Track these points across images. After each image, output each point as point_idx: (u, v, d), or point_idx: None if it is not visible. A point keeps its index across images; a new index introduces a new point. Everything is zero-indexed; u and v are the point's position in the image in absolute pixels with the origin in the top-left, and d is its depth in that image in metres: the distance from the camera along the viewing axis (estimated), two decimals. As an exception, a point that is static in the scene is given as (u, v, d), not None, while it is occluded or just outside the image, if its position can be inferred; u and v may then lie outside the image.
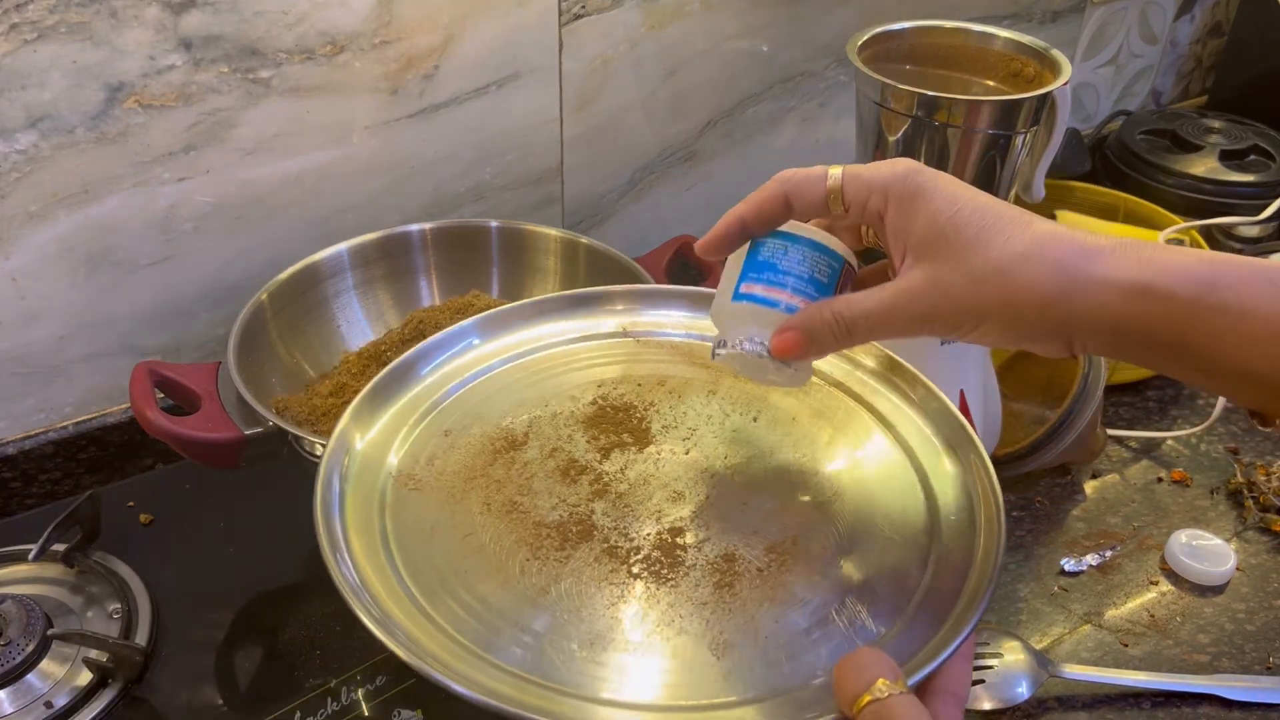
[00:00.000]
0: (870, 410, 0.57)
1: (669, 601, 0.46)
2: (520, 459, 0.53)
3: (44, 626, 0.65)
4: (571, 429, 0.55)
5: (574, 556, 0.48)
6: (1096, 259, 0.40)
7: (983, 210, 0.42)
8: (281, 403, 0.72)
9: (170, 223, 0.76)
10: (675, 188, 1.00)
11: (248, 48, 0.72)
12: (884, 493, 0.52)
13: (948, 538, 0.49)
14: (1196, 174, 1.11)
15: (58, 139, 0.69)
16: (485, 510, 0.50)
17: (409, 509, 0.50)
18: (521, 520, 0.49)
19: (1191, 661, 0.68)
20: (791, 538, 0.49)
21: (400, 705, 0.64)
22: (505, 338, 0.60)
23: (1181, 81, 1.40)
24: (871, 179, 0.45)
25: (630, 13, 0.87)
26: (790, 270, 0.48)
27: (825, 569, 0.48)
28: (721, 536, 0.49)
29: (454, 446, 0.53)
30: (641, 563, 0.48)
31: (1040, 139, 0.71)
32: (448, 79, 0.82)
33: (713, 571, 0.47)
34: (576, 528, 0.49)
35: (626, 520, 0.50)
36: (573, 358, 0.60)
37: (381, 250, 0.82)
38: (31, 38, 0.65)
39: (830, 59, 1.01)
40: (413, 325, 0.75)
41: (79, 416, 0.79)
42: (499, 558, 0.47)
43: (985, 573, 0.46)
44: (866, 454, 0.55)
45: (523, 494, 0.51)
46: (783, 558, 0.48)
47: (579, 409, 0.56)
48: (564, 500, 0.51)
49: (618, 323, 0.62)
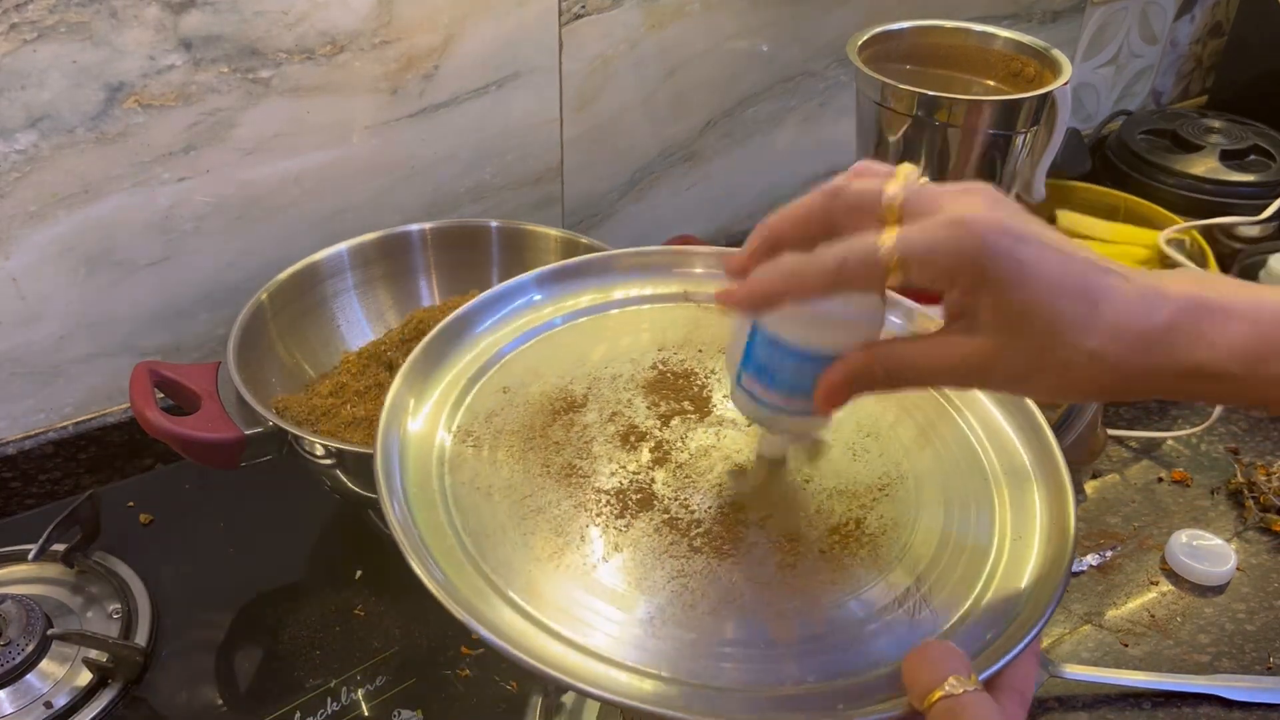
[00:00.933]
0: (944, 396, 0.55)
1: (730, 579, 0.45)
2: (579, 421, 0.52)
3: (44, 626, 0.65)
4: (631, 393, 0.54)
5: (634, 525, 0.47)
6: (1164, 340, 0.39)
7: (1056, 293, 0.38)
8: (281, 403, 0.72)
9: (170, 223, 0.76)
10: (675, 188, 1.00)
11: (248, 48, 0.72)
12: (953, 482, 0.51)
13: (1016, 532, 0.48)
14: (1197, 174, 1.11)
15: (57, 139, 0.69)
16: (545, 472, 0.49)
17: (468, 465, 0.49)
18: (581, 485, 0.48)
19: (1192, 661, 0.68)
20: (855, 520, 0.48)
21: (400, 705, 0.64)
22: (566, 296, 0.59)
23: (1182, 81, 1.40)
24: (931, 259, 0.38)
25: (630, 13, 0.87)
26: (788, 381, 0.44)
27: (889, 555, 0.46)
28: (784, 514, 0.48)
29: (512, 404, 0.52)
30: (703, 536, 0.46)
31: (1040, 139, 0.71)
32: (448, 79, 0.82)
33: (775, 550, 0.46)
34: (636, 496, 0.48)
35: (687, 491, 0.49)
36: (634, 319, 0.58)
37: (381, 250, 0.82)
38: (31, 37, 0.65)
39: (830, 59, 1.01)
40: (412, 325, 0.75)
41: (79, 416, 0.79)
42: (558, 522, 0.47)
43: (1056, 571, 0.45)
44: (937, 439, 0.53)
45: (582, 457, 0.50)
46: (845, 540, 0.47)
47: (639, 373, 0.55)
48: (624, 467, 0.49)
49: (681, 286, 0.60)
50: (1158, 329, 0.38)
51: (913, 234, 0.38)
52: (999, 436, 0.53)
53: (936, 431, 0.54)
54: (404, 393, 0.51)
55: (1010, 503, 0.50)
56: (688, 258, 0.61)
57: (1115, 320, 0.38)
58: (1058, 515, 0.48)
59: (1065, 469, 0.50)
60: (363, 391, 0.73)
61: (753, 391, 0.45)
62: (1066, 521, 0.47)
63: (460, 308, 0.56)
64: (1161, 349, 0.38)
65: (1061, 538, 0.47)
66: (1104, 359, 0.38)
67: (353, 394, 0.73)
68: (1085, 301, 0.38)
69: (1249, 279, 0.97)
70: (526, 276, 0.58)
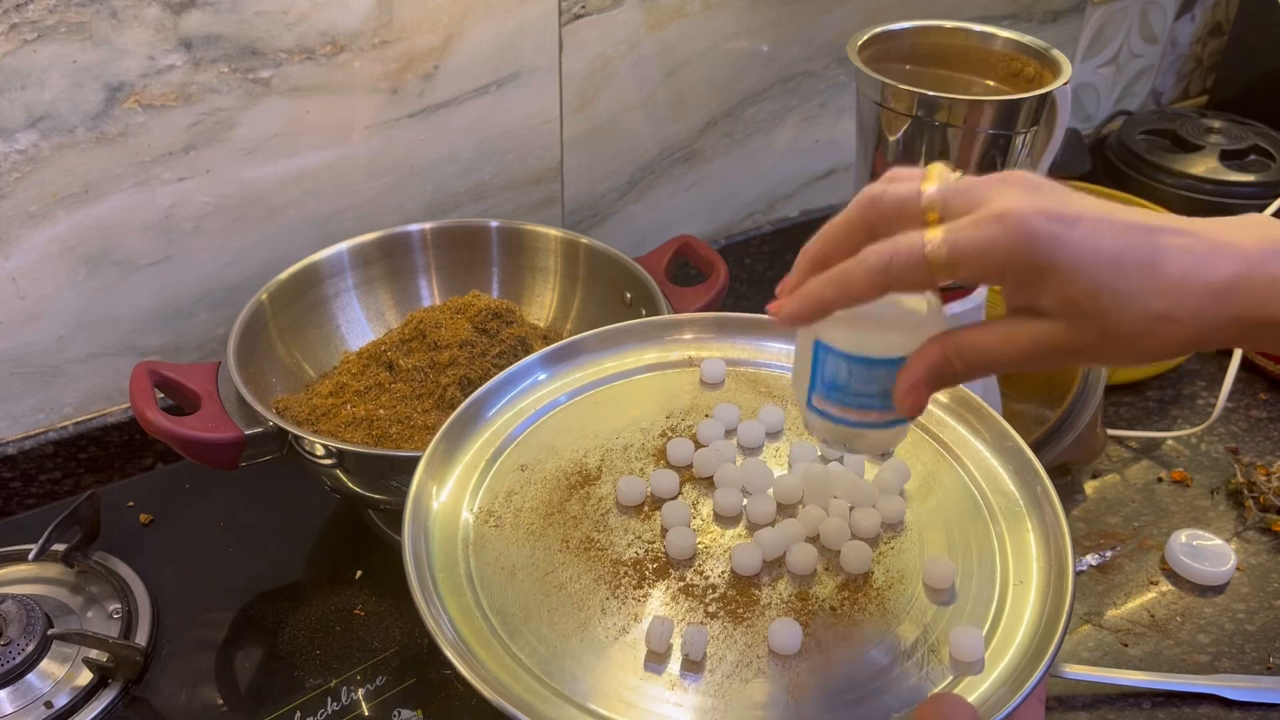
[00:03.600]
0: (942, 445, 0.57)
1: (746, 642, 0.46)
2: (595, 494, 0.54)
3: (44, 626, 0.65)
4: (643, 462, 0.56)
5: (652, 595, 0.48)
6: (1234, 291, 0.38)
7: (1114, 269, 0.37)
8: (281, 403, 0.72)
9: (170, 223, 0.76)
10: (675, 188, 1.00)
11: (248, 47, 0.72)
12: (955, 530, 0.52)
13: (1018, 577, 0.49)
14: (1197, 174, 1.10)
15: (58, 139, 0.69)
16: (564, 548, 0.51)
17: (491, 546, 0.51)
18: (599, 557, 0.50)
19: (1192, 661, 0.68)
20: (863, 575, 0.49)
21: (400, 705, 0.64)
22: (571, 371, 0.61)
23: (1182, 81, 1.40)
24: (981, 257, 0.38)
25: (630, 13, 0.87)
26: (859, 391, 0.44)
27: (897, 608, 0.48)
28: (795, 573, 0.49)
29: (530, 482, 0.54)
30: (718, 601, 0.48)
31: (1040, 139, 0.71)
32: (448, 79, 0.82)
33: (787, 610, 0.47)
34: (653, 565, 0.50)
35: (701, 557, 0.50)
36: (640, 388, 0.60)
37: (381, 250, 0.82)
38: (31, 37, 0.65)
39: (830, 59, 1.01)
40: (412, 325, 0.75)
41: (79, 416, 0.79)
42: (579, 596, 0.48)
43: (1057, 617, 0.46)
44: (940, 491, 0.54)
45: (599, 530, 0.52)
46: (855, 595, 0.48)
47: (649, 441, 0.57)
48: (639, 537, 0.51)
49: (684, 352, 0.62)
50: (1226, 280, 0.38)
51: (958, 232, 0.38)
52: (996, 480, 0.54)
53: (937, 480, 0.55)
54: (426, 481, 0.53)
55: (1011, 548, 0.51)
56: (679, 325, 0.63)
57: (1181, 277, 0.37)
58: (1056, 558, 0.49)
59: (1061, 511, 0.51)
60: (363, 391, 0.73)
61: (826, 411, 0.45)
62: (1065, 565, 0.48)
63: (472, 394, 0.58)
64: (1234, 300, 0.38)
65: (1061, 581, 0.48)
66: (1175, 319, 0.38)
67: (353, 394, 0.73)
68: (1145, 267, 0.37)
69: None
70: (531, 359, 0.60)
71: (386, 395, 0.72)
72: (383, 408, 0.71)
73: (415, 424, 0.70)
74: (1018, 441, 0.54)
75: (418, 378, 0.72)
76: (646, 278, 0.78)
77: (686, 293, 0.78)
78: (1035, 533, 0.51)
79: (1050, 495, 0.51)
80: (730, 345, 0.63)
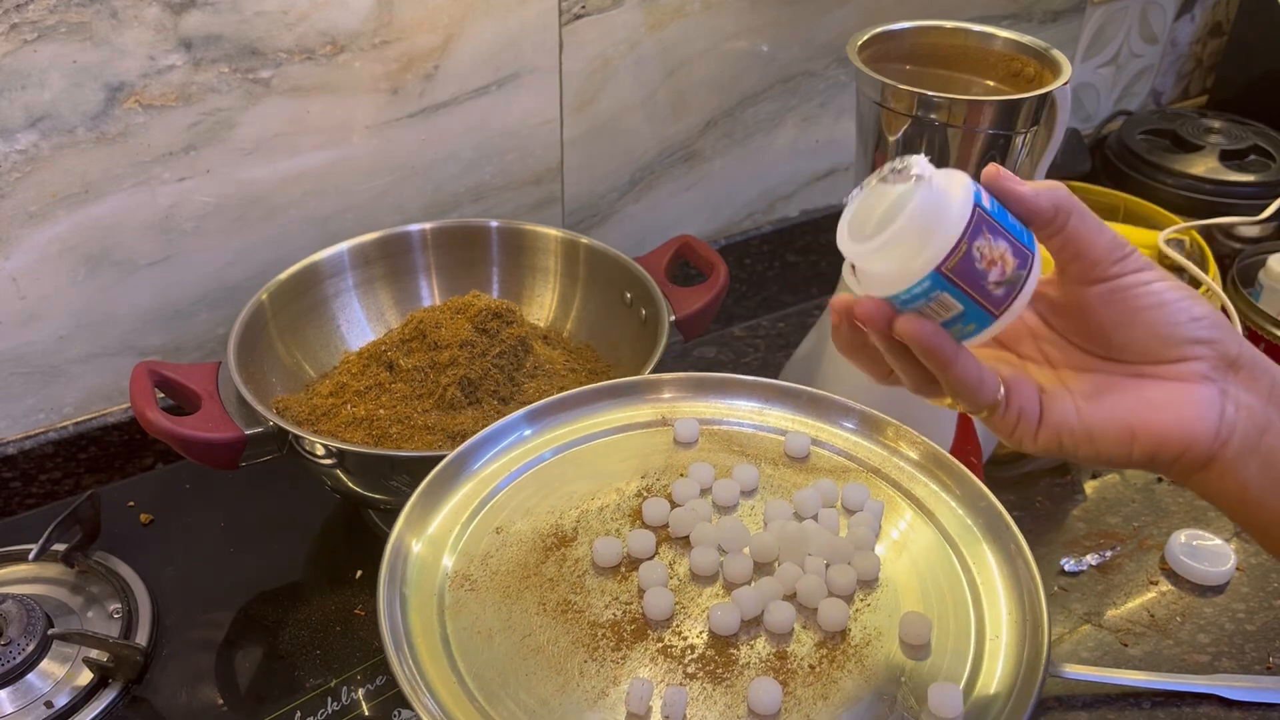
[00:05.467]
0: (914, 501, 0.57)
1: (726, 702, 0.46)
2: (571, 555, 0.53)
3: (44, 626, 0.65)
4: (619, 522, 0.55)
5: (630, 657, 0.48)
6: None
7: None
8: (281, 403, 0.72)
9: (170, 223, 0.76)
10: (675, 188, 1.00)
11: (248, 47, 0.72)
12: (930, 584, 0.52)
13: (993, 631, 0.49)
14: (1197, 174, 1.10)
15: (58, 139, 0.69)
16: (541, 610, 0.50)
17: (468, 610, 0.50)
18: (577, 620, 0.50)
19: (1191, 661, 0.68)
20: (841, 632, 0.49)
21: (400, 705, 0.64)
22: (556, 427, 0.61)
23: (1182, 81, 1.40)
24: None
25: (631, 13, 0.87)
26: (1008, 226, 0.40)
27: (874, 666, 0.48)
28: (773, 632, 0.49)
29: (506, 544, 0.54)
30: (696, 662, 0.48)
31: (1040, 139, 0.71)
32: (448, 79, 0.82)
33: (766, 669, 0.47)
34: (631, 626, 0.49)
35: (679, 617, 0.50)
36: (615, 448, 0.60)
37: (381, 250, 0.82)
38: (31, 37, 0.65)
39: (830, 59, 1.01)
40: (412, 325, 0.75)
41: (79, 416, 0.79)
42: (557, 660, 0.48)
43: (1034, 671, 0.46)
44: (913, 547, 0.55)
45: (576, 592, 0.51)
46: (834, 653, 0.48)
47: (625, 501, 0.57)
48: (617, 598, 0.51)
49: (658, 411, 0.62)
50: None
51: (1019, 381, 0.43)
52: (968, 535, 0.55)
53: (910, 536, 0.55)
54: (406, 535, 0.53)
55: (986, 602, 0.51)
56: (659, 384, 0.63)
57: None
58: (1031, 611, 0.50)
59: (1034, 566, 0.51)
60: (363, 391, 0.73)
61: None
62: (1040, 618, 0.49)
63: (456, 450, 0.57)
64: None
65: (1036, 635, 0.48)
66: None
67: (353, 394, 0.73)
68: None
69: (1248, 279, 0.97)
70: (518, 414, 0.60)
71: (386, 395, 0.72)
72: (383, 408, 0.71)
73: (415, 424, 0.70)
74: (990, 500, 0.55)
75: (418, 378, 0.72)
76: (646, 278, 0.78)
77: (686, 293, 0.78)
78: (1008, 587, 0.51)
79: (1023, 550, 0.52)
80: (704, 404, 0.63)
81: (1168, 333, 0.41)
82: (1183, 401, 0.40)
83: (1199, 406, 0.40)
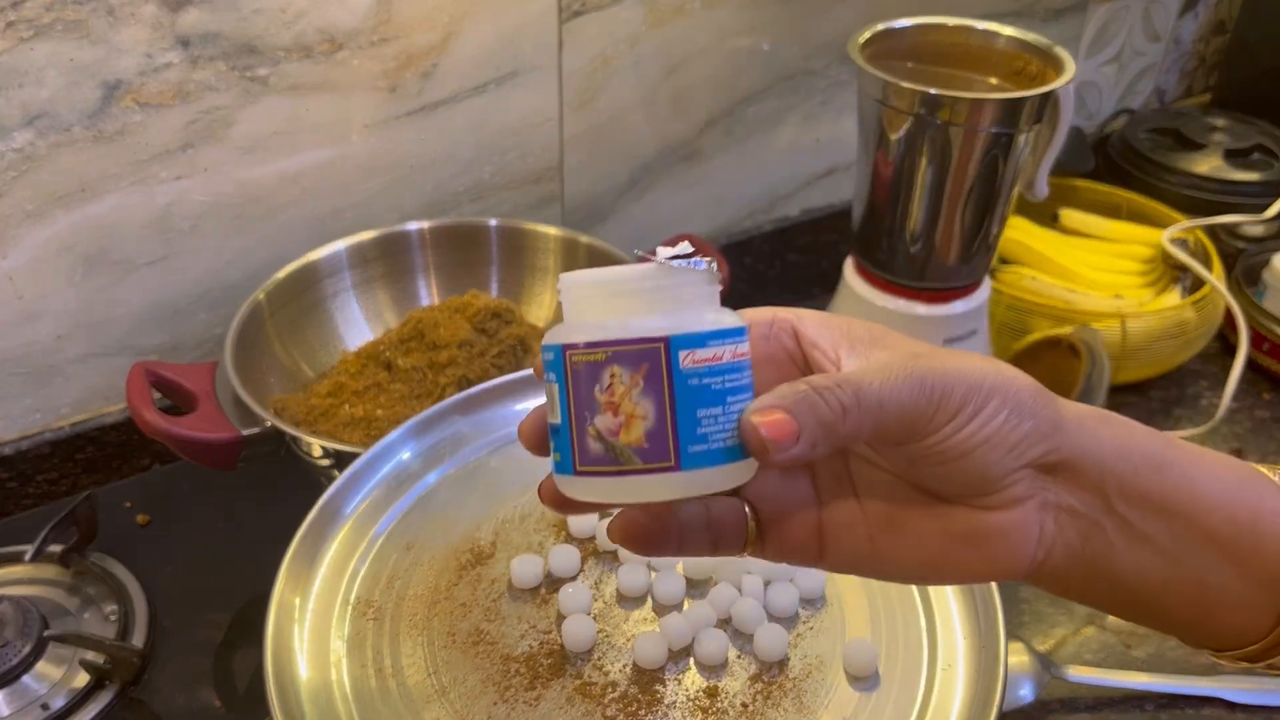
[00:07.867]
0: None
1: None
2: (488, 575, 0.49)
3: (40, 628, 0.64)
4: (543, 535, 0.51)
5: (545, 698, 0.44)
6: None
7: None
8: (279, 403, 0.72)
9: (168, 222, 0.75)
10: (675, 187, 0.99)
11: (245, 45, 0.72)
12: (881, 606, 0.48)
13: (946, 660, 0.46)
14: (1200, 172, 1.10)
15: (55, 137, 0.69)
16: (450, 643, 0.46)
17: (367, 644, 0.46)
18: (489, 653, 0.46)
19: (1195, 663, 0.68)
20: (778, 664, 0.46)
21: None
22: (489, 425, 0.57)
23: (1185, 79, 1.39)
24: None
25: (630, 10, 0.87)
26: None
27: (814, 701, 0.44)
28: (703, 664, 0.45)
29: (417, 563, 0.50)
30: (617, 702, 0.44)
31: (1043, 137, 0.71)
32: (447, 77, 0.81)
33: (693, 709, 0.43)
34: (547, 660, 0.45)
35: (601, 647, 0.46)
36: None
37: (380, 249, 0.82)
38: (28, 35, 0.65)
39: (832, 57, 1.01)
40: (411, 324, 0.75)
41: (76, 417, 0.79)
42: (463, 705, 0.44)
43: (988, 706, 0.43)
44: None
45: (490, 619, 0.47)
46: (768, 688, 0.45)
47: (549, 511, 0.53)
48: (534, 626, 0.47)
49: None
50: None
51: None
52: None
53: None
54: (288, 593, 0.49)
55: (940, 626, 0.47)
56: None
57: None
58: (988, 639, 0.46)
59: (995, 590, 0.47)
60: (361, 391, 0.73)
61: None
62: (997, 647, 0.45)
63: (333, 484, 0.53)
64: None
65: (992, 665, 0.44)
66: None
67: (351, 394, 0.72)
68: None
69: (1253, 278, 0.96)
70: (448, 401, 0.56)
71: (385, 395, 0.72)
72: (381, 408, 0.71)
73: (414, 424, 0.69)
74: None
75: (416, 378, 0.72)
76: (646, 277, 0.78)
77: (687, 292, 0.78)
78: (964, 611, 0.48)
79: None
80: None
81: (982, 476, 0.33)
82: (995, 536, 0.33)
83: (1011, 540, 0.33)
